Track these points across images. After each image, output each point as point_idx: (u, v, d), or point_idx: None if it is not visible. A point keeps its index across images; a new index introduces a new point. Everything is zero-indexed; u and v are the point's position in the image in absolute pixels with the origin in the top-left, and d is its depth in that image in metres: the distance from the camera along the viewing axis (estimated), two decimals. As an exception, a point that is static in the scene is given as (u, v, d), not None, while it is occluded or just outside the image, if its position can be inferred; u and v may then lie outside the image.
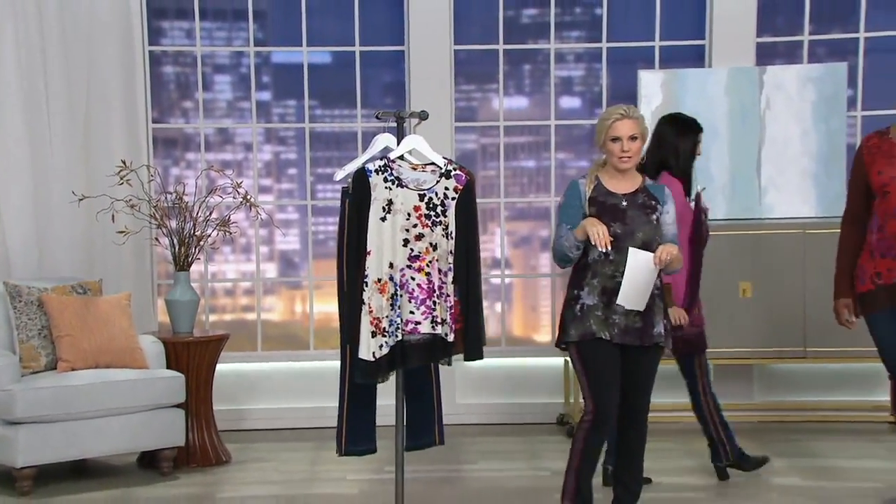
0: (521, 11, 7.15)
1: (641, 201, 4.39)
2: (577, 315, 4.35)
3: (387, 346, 4.14)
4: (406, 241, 4.18)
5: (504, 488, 5.47)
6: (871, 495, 5.07)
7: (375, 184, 4.16)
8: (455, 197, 4.25)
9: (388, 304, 4.14)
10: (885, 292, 4.70)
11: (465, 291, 4.26)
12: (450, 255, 4.23)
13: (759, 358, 6.59)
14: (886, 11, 6.90)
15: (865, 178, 4.76)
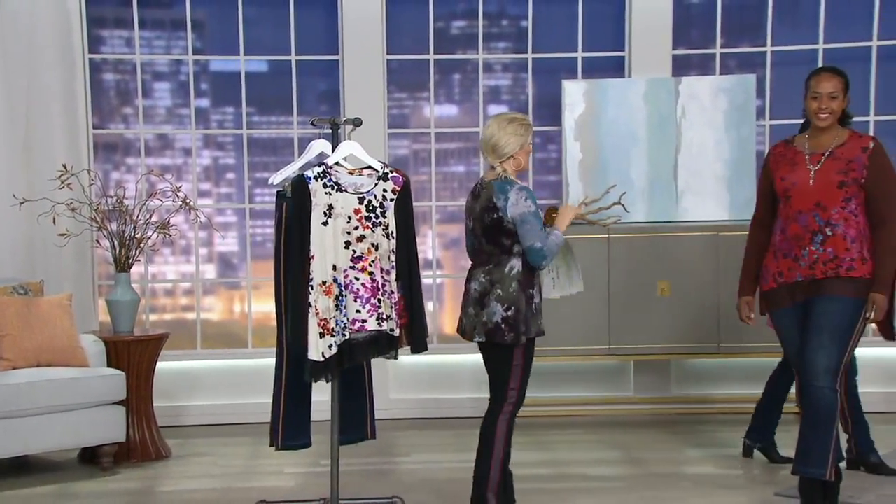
0: (451, 23, 7.17)
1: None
2: (534, 313, 4.49)
3: (335, 345, 4.14)
4: (348, 243, 4.19)
5: (435, 480, 5.48)
6: (779, 482, 5.16)
7: (315, 190, 4.16)
8: (393, 198, 4.26)
9: (333, 306, 4.14)
10: (786, 290, 4.79)
11: (408, 287, 4.28)
12: (391, 254, 4.25)
13: (675, 353, 6.65)
14: (791, 27, 7.03)
15: (771, 184, 4.86)
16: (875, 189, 4.68)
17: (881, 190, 4.69)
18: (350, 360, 4.22)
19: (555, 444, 6.12)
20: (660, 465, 5.53)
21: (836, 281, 4.66)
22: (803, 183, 4.73)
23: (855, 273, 4.66)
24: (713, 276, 6.53)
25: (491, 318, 4.45)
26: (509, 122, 4.50)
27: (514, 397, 4.52)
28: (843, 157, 4.70)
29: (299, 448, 4.44)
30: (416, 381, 7.01)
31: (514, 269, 4.44)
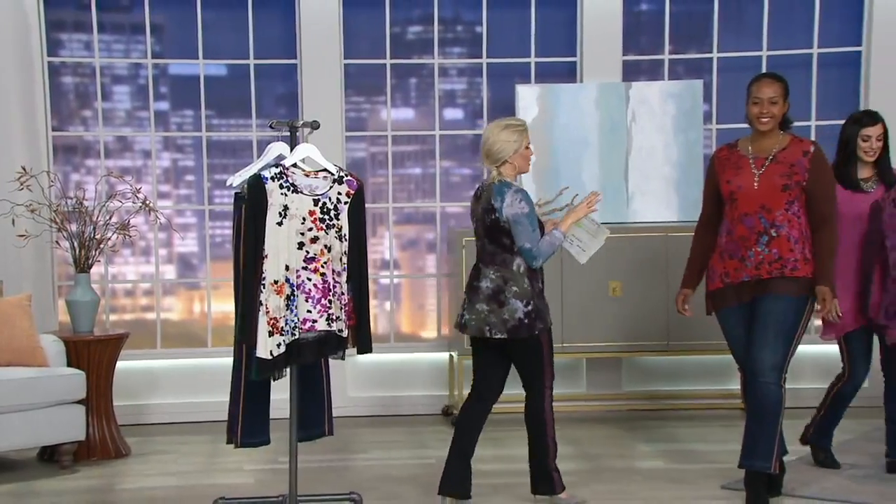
0: (407, 28, 7.16)
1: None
2: (546, 305, 4.73)
3: (283, 344, 4.12)
4: (301, 244, 4.17)
5: (392, 476, 5.47)
6: (724, 475, 5.19)
7: (271, 190, 4.14)
8: (348, 201, 4.25)
9: (284, 305, 4.12)
10: (732, 290, 4.84)
11: (357, 289, 4.27)
12: (343, 256, 4.23)
13: (626, 351, 6.69)
14: (736, 35, 7.09)
15: (717, 186, 4.90)
16: (816, 191, 4.74)
17: (822, 192, 4.75)
18: (298, 360, 4.20)
19: (510, 440, 6.12)
20: (612, 459, 5.56)
21: (780, 280, 4.72)
22: (748, 186, 4.77)
23: (798, 273, 4.72)
24: (663, 276, 6.57)
25: (513, 315, 4.61)
26: (503, 129, 4.72)
27: (550, 381, 4.76)
28: (786, 161, 4.75)
29: (258, 445, 4.42)
30: (374, 379, 7.00)
31: (522, 267, 4.64)
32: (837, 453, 5.57)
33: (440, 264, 7.17)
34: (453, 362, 6.79)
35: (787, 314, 4.72)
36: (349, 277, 4.25)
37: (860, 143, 5.04)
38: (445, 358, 6.98)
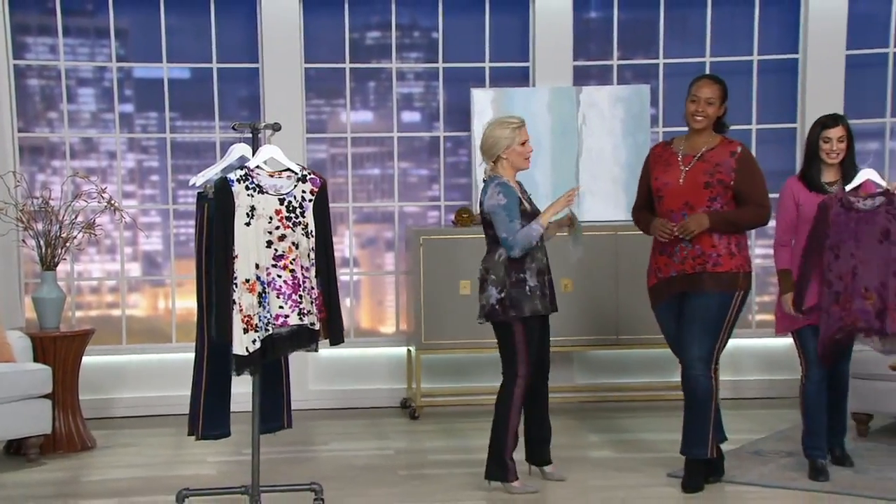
0: (366, 34, 7.17)
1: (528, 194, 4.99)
2: (528, 295, 4.78)
3: (258, 340, 4.13)
4: (270, 242, 4.18)
5: (352, 466, 5.48)
6: (670, 463, 5.26)
7: (238, 192, 4.14)
8: (312, 199, 4.26)
9: (257, 302, 4.13)
10: (664, 285, 4.89)
11: (326, 283, 4.29)
12: (311, 252, 4.25)
13: (578, 345, 6.74)
14: (681, 42, 7.16)
15: (649, 182, 4.96)
16: (743, 189, 4.82)
17: (749, 189, 4.82)
18: (273, 354, 4.21)
19: (466, 432, 6.16)
20: (564, 449, 5.60)
21: (704, 276, 4.78)
22: (674, 183, 4.84)
23: (721, 268, 4.78)
24: (612, 273, 6.63)
25: (488, 301, 4.80)
26: (496, 126, 4.88)
27: (523, 371, 4.80)
28: (712, 160, 4.82)
29: (219, 438, 4.41)
30: (334, 372, 7.01)
31: (503, 256, 4.79)
32: (784, 442, 5.66)
33: (398, 262, 7.19)
34: (411, 356, 6.81)
35: (712, 309, 4.79)
36: (318, 272, 4.27)
37: (822, 144, 4.97)
38: (404, 352, 7.01)
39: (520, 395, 4.84)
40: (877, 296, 4.72)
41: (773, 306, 7.22)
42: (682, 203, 4.80)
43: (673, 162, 4.88)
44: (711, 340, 4.80)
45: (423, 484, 5.11)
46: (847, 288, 4.76)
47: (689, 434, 4.88)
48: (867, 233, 4.74)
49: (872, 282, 4.72)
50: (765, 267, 7.29)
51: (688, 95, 4.88)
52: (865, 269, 4.73)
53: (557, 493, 4.93)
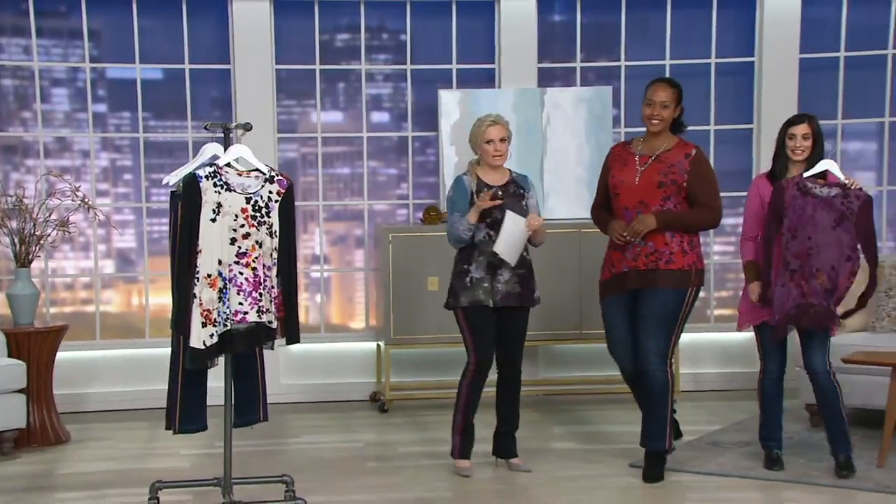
0: (335, 36, 7.16)
1: (512, 190, 4.97)
2: (468, 285, 4.91)
3: (216, 335, 4.12)
4: (234, 239, 4.17)
5: (323, 458, 5.49)
6: (632, 454, 5.30)
7: (206, 188, 4.13)
8: (278, 200, 4.26)
9: (217, 297, 4.12)
10: (617, 280, 4.94)
11: (286, 283, 4.28)
12: (274, 252, 4.24)
13: (543, 339, 6.76)
14: (642, 45, 7.21)
15: (607, 180, 5.01)
16: (696, 190, 4.88)
17: (700, 190, 4.89)
18: (230, 349, 4.20)
19: (432, 425, 6.18)
20: (529, 441, 5.62)
21: (657, 273, 4.83)
22: (630, 181, 4.89)
23: (674, 265, 4.83)
24: (576, 269, 6.66)
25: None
26: (474, 123, 5.04)
27: (471, 359, 4.96)
28: (667, 161, 4.88)
29: (196, 431, 4.40)
30: (305, 367, 7.00)
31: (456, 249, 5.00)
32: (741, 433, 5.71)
33: (368, 259, 7.20)
34: (380, 351, 6.82)
35: (666, 305, 4.84)
36: (279, 272, 4.26)
37: (787, 141, 4.99)
38: (373, 347, 7.01)
39: (468, 383, 4.98)
40: (826, 277, 4.81)
41: (732, 301, 7.34)
42: (637, 201, 4.86)
43: (630, 161, 4.93)
44: (667, 336, 4.86)
45: (392, 475, 5.13)
46: (802, 266, 4.84)
47: (648, 428, 4.93)
48: (824, 217, 4.81)
49: (825, 264, 4.81)
50: (723, 263, 7.37)
51: (644, 99, 4.93)
52: (820, 252, 4.82)
53: (523, 484, 4.96)
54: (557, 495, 4.77)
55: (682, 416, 6.31)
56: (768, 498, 4.77)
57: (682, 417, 6.23)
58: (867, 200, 4.81)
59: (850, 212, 4.79)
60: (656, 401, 4.88)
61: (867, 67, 7.16)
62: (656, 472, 4.92)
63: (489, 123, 4.94)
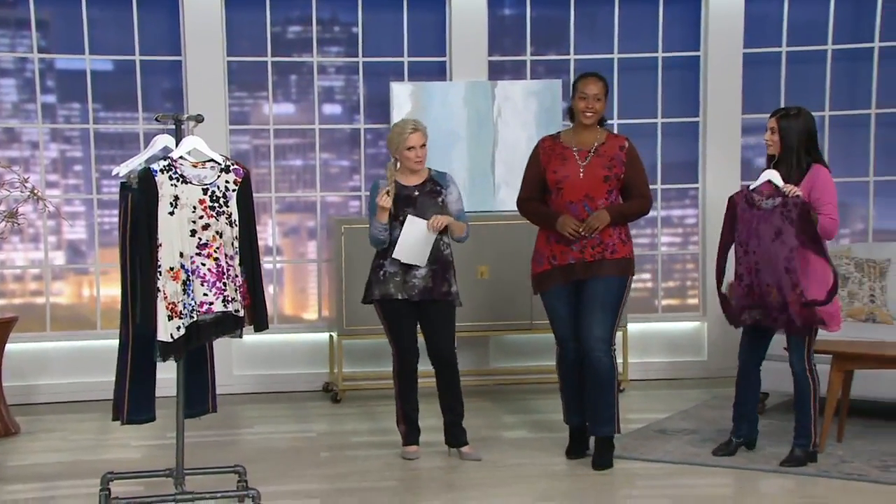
0: (287, 28, 7.12)
1: (429, 189, 5.07)
2: (381, 279, 5.05)
3: (183, 327, 4.10)
4: (194, 231, 4.14)
5: (276, 448, 5.47)
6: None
7: (162, 182, 4.10)
8: (235, 189, 4.23)
9: (181, 290, 4.09)
10: (559, 272, 4.99)
11: (250, 271, 4.26)
12: (234, 241, 4.22)
13: (493, 330, 6.79)
14: (591, 39, 7.24)
15: (541, 175, 5.04)
16: (632, 181, 4.98)
17: (636, 181, 4.99)
18: (198, 340, 4.18)
19: (384, 414, 6.18)
20: (480, 430, 5.65)
21: (603, 262, 4.91)
22: (574, 176, 4.94)
23: (618, 255, 4.93)
24: (526, 260, 6.62)
25: None
26: (394, 128, 5.14)
27: (393, 351, 5.13)
28: (607, 155, 4.95)
29: (144, 422, 4.36)
30: (258, 357, 6.97)
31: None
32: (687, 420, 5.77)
33: (320, 250, 7.17)
34: (333, 342, 6.81)
35: (611, 291, 4.93)
36: (242, 260, 4.25)
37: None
38: (326, 338, 7.00)
39: (396, 373, 5.12)
40: (776, 291, 4.86)
41: (679, 292, 7.42)
42: (583, 195, 4.91)
43: (569, 156, 4.97)
44: (611, 321, 4.94)
45: (345, 465, 5.13)
46: (753, 283, 4.91)
47: (596, 414, 4.98)
48: (765, 231, 4.86)
49: (772, 278, 4.86)
50: (670, 254, 7.44)
51: (575, 93, 5.00)
52: (765, 266, 4.88)
53: (473, 472, 4.98)
54: (507, 483, 4.80)
55: (631, 404, 6.39)
56: (713, 483, 4.83)
57: (630, 406, 6.31)
58: (804, 206, 4.80)
59: (790, 221, 4.81)
60: (604, 386, 4.94)
61: (808, 62, 7.26)
62: (606, 458, 4.97)
63: (411, 131, 5.03)
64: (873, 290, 6.18)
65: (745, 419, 5.14)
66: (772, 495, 4.67)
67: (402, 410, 5.17)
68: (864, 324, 6.07)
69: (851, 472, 4.85)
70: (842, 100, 7.29)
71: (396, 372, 5.14)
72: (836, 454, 5.12)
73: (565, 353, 5.10)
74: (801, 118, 4.96)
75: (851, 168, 7.34)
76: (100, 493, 4.39)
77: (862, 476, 4.79)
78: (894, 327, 6.00)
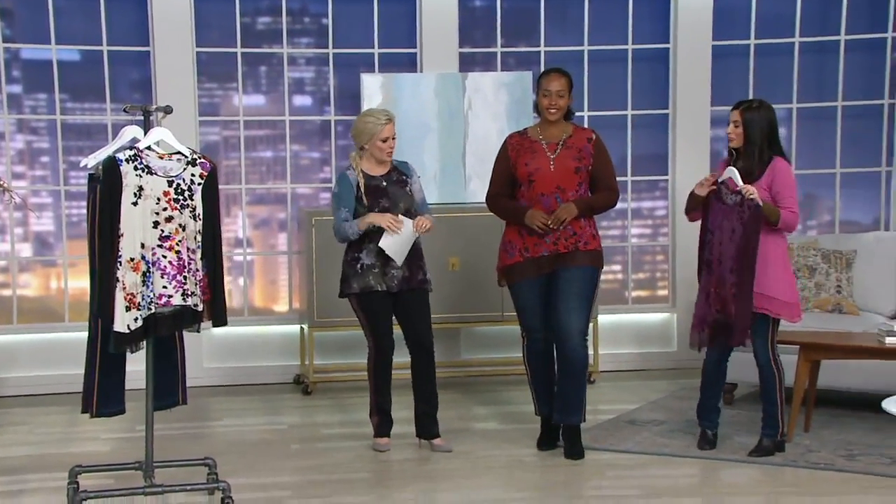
0: (257, 19, 7.07)
1: (395, 179, 5.08)
2: (358, 272, 5.02)
3: (140, 318, 4.07)
4: (156, 223, 4.11)
5: (246, 441, 5.45)
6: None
7: (126, 172, 4.07)
8: (201, 183, 4.20)
9: (140, 281, 4.06)
10: (532, 263, 5.01)
11: (211, 266, 4.23)
12: (197, 235, 4.19)
13: (464, 322, 6.79)
14: (561, 31, 7.24)
15: (511, 170, 5.04)
16: (599, 173, 5.02)
17: (603, 173, 5.03)
18: (154, 333, 4.15)
19: (355, 406, 6.17)
20: (452, 421, 5.66)
21: (577, 253, 4.95)
22: (545, 169, 4.96)
23: (590, 247, 4.98)
24: (496, 253, 6.67)
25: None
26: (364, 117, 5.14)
27: (370, 344, 5.10)
28: (575, 147, 4.98)
29: (113, 415, 4.34)
30: (228, 350, 6.93)
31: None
32: (656, 411, 5.80)
33: (291, 242, 7.14)
34: (304, 334, 6.78)
35: (585, 283, 4.97)
36: (204, 254, 4.22)
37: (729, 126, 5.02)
38: (297, 330, 6.97)
39: (372, 366, 5.09)
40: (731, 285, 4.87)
41: (648, 284, 7.46)
42: (555, 187, 4.94)
43: (538, 150, 5.00)
44: (587, 312, 4.98)
45: (316, 457, 5.12)
46: (712, 272, 4.95)
47: (566, 403, 5.00)
48: (726, 227, 4.90)
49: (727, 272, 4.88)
50: (640, 246, 7.47)
51: (538, 90, 5.02)
52: (723, 261, 4.91)
53: (445, 464, 4.99)
54: (478, 475, 4.81)
55: (601, 395, 6.42)
56: (682, 474, 4.86)
57: (601, 397, 6.34)
58: (755, 210, 4.78)
59: (742, 222, 4.82)
60: (578, 376, 4.98)
61: (776, 55, 7.31)
62: (578, 448, 5.00)
63: (385, 122, 5.02)
64: (840, 281, 6.24)
65: (713, 410, 5.16)
66: (740, 485, 4.71)
67: (377, 402, 5.15)
68: (830, 314, 6.12)
69: (818, 461, 4.90)
70: (809, 92, 7.34)
71: (372, 364, 5.11)
72: (804, 444, 5.17)
73: (533, 344, 5.11)
74: (763, 110, 4.96)
75: (818, 160, 7.40)
76: (68, 487, 4.36)
77: (828, 465, 4.84)
78: (860, 318, 6.05)
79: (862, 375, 5.67)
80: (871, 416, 5.55)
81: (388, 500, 4.49)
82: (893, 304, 6.23)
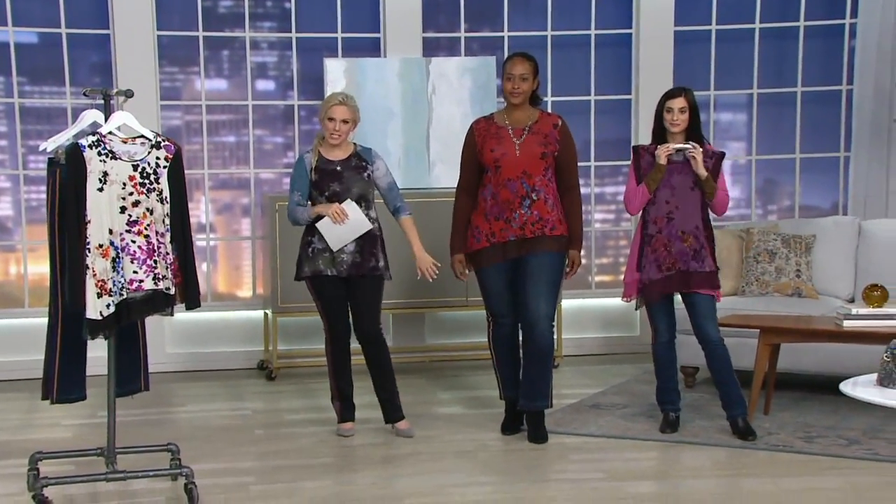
0: (219, 2, 6.99)
1: (354, 164, 5.03)
2: (310, 256, 5.01)
3: (113, 304, 4.03)
4: (123, 208, 4.07)
5: (209, 426, 5.42)
6: (516, 415, 5.35)
7: (90, 158, 4.02)
8: (167, 165, 4.16)
9: (111, 267, 4.02)
10: (498, 248, 5.00)
11: (181, 249, 4.20)
12: (165, 218, 4.15)
13: (428, 307, 6.79)
14: (524, 16, 7.24)
15: (477, 156, 5.04)
16: (564, 160, 5.01)
17: (568, 160, 5.02)
18: (128, 318, 4.12)
19: (319, 392, 6.15)
20: (416, 406, 5.66)
21: (544, 239, 4.94)
22: (511, 154, 4.95)
23: (557, 232, 4.97)
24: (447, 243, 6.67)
25: None
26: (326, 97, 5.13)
27: (325, 327, 5.09)
28: (541, 132, 4.98)
29: (74, 401, 4.29)
30: (191, 335, 6.89)
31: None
32: (620, 395, 5.82)
33: (255, 227, 7.09)
34: (268, 319, 6.75)
35: (553, 269, 4.98)
36: (173, 237, 4.18)
37: (665, 114, 5.02)
38: (260, 315, 6.94)
39: (329, 350, 5.09)
40: (692, 237, 4.98)
41: (612, 268, 7.49)
42: (521, 172, 4.94)
43: (504, 135, 4.99)
44: (554, 297, 5.00)
45: (280, 442, 5.10)
46: (661, 231, 4.99)
47: (533, 388, 5.02)
48: (681, 182, 4.97)
49: (688, 225, 4.98)
50: (603, 231, 7.50)
51: (503, 74, 5.01)
52: (681, 215, 4.97)
53: (408, 448, 4.99)
54: (442, 459, 4.81)
55: (565, 379, 6.45)
56: (646, 457, 4.90)
57: (564, 381, 6.37)
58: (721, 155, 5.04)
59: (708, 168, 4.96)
60: (545, 361, 5.00)
61: (737, 40, 7.35)
62: (542, 432, 5.02)
63: (336, 102, 5.00)
64: (799, 266, 6.30)
65: (673, 392, 5.20)
66: (703, 467, 4.75)
67: (337, 387, 5.15)
68: (790, 298, 6.18)
69: (777, 443, 4.96)
70: (769, 78, 7.40)
71: (329, 349, 5.11)
72: (763, 426, 5.22)
73: (499, 329, 5.12)
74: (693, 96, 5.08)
75: (778, 145, 7.47)
76: (28, 473, 4.31)
77: (787, 447, 4.90)
78: (819, 302, 6.12)
79: (820, 358, 5.74)
80: (830, 398, 5.62)
81: (351, 486, 4.48)
82: (851, 288, 6.31)
